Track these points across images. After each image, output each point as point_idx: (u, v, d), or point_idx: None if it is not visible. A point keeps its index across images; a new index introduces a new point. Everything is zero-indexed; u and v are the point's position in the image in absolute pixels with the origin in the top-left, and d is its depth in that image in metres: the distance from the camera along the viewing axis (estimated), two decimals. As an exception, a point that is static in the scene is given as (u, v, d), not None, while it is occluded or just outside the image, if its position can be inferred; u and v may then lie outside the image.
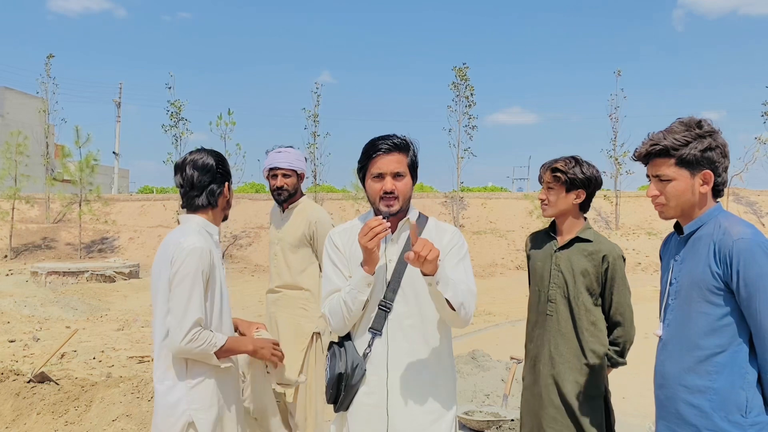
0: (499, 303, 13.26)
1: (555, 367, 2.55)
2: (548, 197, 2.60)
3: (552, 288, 2.59)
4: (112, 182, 40.04)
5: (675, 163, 1.85)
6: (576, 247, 2.58)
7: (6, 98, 36.72)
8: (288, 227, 3.47)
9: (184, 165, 2.33)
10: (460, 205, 24.78)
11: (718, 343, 1.79)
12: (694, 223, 1.90)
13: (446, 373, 2.19)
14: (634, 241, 22.75)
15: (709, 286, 1.80)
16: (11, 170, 23.39)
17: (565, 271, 2.57)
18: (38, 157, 26.43)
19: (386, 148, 2.08)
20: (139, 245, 24.03)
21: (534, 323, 2.67)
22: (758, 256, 1.73)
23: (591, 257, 2.55)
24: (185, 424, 2.18)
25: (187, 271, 2.16)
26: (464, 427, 4.68)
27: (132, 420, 4.11)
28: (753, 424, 1.75)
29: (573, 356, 2.54)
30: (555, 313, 2.57)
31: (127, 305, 12.26)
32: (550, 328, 2.58)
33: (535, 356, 2.65)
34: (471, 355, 6.28)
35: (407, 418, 2.07)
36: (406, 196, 2.11)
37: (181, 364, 2.21)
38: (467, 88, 24.79)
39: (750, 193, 24.55)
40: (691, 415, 1.82)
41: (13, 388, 4.68)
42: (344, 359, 2.09)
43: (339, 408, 2.14)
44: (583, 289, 2.54)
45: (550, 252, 2.63)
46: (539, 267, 2.66)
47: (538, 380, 2.60)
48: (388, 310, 2.09)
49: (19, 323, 9.23)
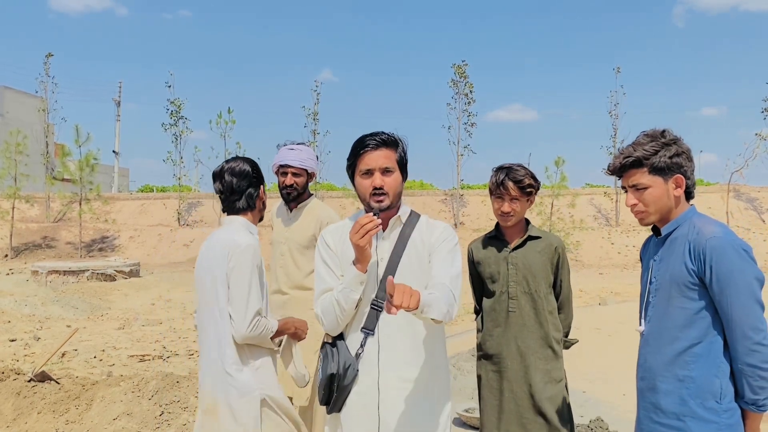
0: (499, 300, 13.26)
1: (524, 360, 2.68)
2: (513, 209, 2.70)
3: (512, 286, 2.72)
4: (112, 181, 40.06)
5: (648, 172, 2.01)
6: (529, 245, 2.75)
7: (6, 97, 36.72)
8: (297, 227, 3.39)
9: (222, 173, 2.54)
10: (460, 202, 24.78)
11: (695, 335, 1.94)
12: (671, 225, 2.04)
13: (439, 371, 2.17)
14: (634, 238, 22.73)
15: (685, 282, 1.95)
16: (11, 169, 23.40)
17: (523, 267, 2.72)
18: (38, 156, 26.45)
19: (374, 144, 2.07)
20: (139, 244, 24.04)
21: (494, 322, 2.76)
22: (729, 253, 1.88)
23: (544, 251, 2.75)
24: (260, 402, 2.43)
25: (245, 267, 2.42)
26: (464, 424, 4.68)
27: (133, 419, 4.11)
28: (726, 410, 1.91)
29: (540, 347, 2.70)
30: (518, 308, 2.71)
31: (128, 304, 12.26)
32: (514, 324, 2.71)
33: (497, 353, 2.74)
34: (471, 352, 6.28)
35: (401, 417, 2.06)
36: (396, 191, 2.11)
37: (244, 350, 2.46)
38: (467, 85, 24.81)
39: (750, 189, 24.55)
40: (670, 403, 1.96)
41: (14, 387, 4.69)
42: (336, 360, 2.08)
43: (332, 409, 2.12)
44: (542, 281, 2.72)
45: (504, 255, 2.76)
46: (493, 270, 2.77)
47: (506, 375, 2.71)
48: (381, 309, 2.07)
49: (20, 322, 9.24)
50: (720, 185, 24.73)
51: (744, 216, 22.89)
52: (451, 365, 6.06)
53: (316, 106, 26.12)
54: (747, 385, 1.88)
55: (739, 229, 21.26)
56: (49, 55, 26.74)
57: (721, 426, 1.90)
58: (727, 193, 22.00)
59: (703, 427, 1.90)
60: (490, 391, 2.76)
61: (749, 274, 1.88)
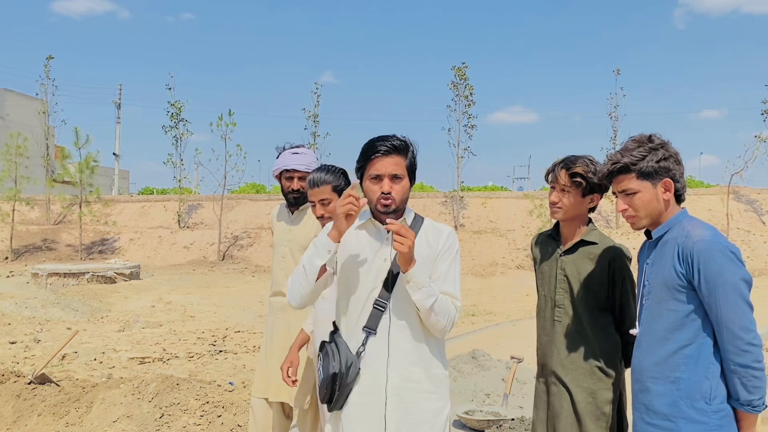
0: (499, 302, 13.27)
1: (567, 374, 2.45)
2: (562, 200, 2.45)
3: (559, 293, 2.49)
4: (112, 183, 40.05)
5: (636, 177, 2.04)
6: (582, 251, 2.48)
7: (6, 100, 36.73)
8: (300, 229, 3.38)
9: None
10: (461, 204, 24.78)
11: (686, 337, 1.97)
12: (661, 228, 2.07)
13: (440, 371, 2.19)
14: (634, 240, 22.72)
15: (675, 285, 1.98)
16: (11, 172, 23.39)
17: (572, 276, 2.47)
18: (38, 158, 26.44)
19: (385, 149, 2.08)
20: (139, 246, 24.02)
21: (542, 329, 2.59)
22: (716, 255, 1.91)
23: (597, 260, 2.45)
24: None
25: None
26: (465, 426, 4.68)
27: (133, 421, 4.11)
28: (716, 411, 1.93)
29: (584, 362, 2.43)
30: (563, 318, 2.48)
31: (128, 306, 12.25)
32: (558, 335, 2.49)
33: (544, 364, 2.56)
34: (471, 355, 6.27)
35: (401, 416, 2.08)
36: (403, 198, 2.13)
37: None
38: (467, 87, 24.79)
39: (750, 191, 24.53)
40: (661, 404, 1.99)
41: (14, 390, 4.69)
42: (338, 359, 2.09)
43: (333, 407, 2.14)
44: (591, 293, 2.44)
45: (556, 257, 2.54)
46: (546, 272, 2.58)
47: (550, 388, 2.52)
48: (383, 309, 2.10)
49: (20, 325, 9.23)
50: (720, 187, 24.71)
51: (744, 218, 22.87)
52: (451, 368, 6.05)
53: (317, 108, 26.11)
54: (741, 385, 1.89)
55: (739, 231, 21.25)
56: (49, 57, 26.73)
57: (711, 427, 1.93)
58: (727, 195, 21.97)
59: (693, 428, 1.94)
60: (539, 403, 2.58)
61: (737, 275, 1.90)
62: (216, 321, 10.51)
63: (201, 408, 4.31)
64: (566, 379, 2.45)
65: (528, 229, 22.73)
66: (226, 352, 7.84)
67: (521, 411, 4.93)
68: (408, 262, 2.00)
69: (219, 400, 4.44)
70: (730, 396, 1.94)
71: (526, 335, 8.74)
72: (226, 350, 7.93)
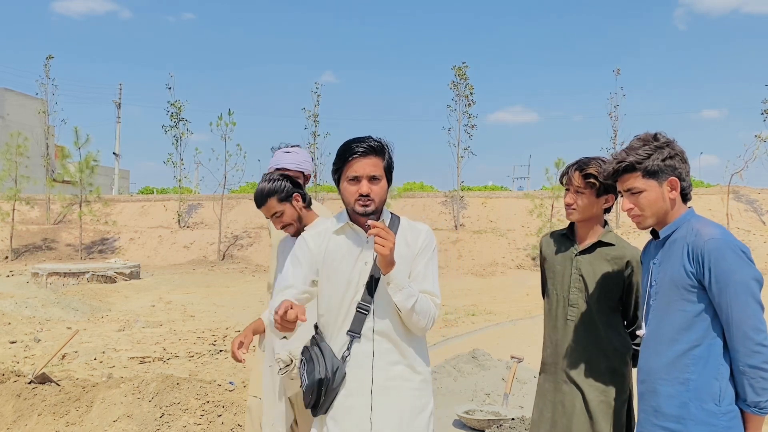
0: (499, 302, 13.27)
1: (580, 374, 2.45)
2: (577, 202, 2.46)
3: (573, 293, 2.49)
4: (112, 183, 40.05)
5: (642, 176, 2.02)
6: (599, 252, 2.47)
7: (6, 99, 36.72)
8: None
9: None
10: (461, 204, 24.77)
11: (695, 337, 1.94)
12: (669, 228, 2.05)
13: (423, 368, 2.20)
14: (634, 241, 22.70)
15: (684, 285, 1.95)
16: (11, 171, 23.40)
17: (587, 276, 2.46)
18: (38, 158, 26.46)
19: (362, 151, 2.06)
20: (139, 246, 24.03)
21: (553, 328, 2.57)
22: (727, 254, 1.88)
23: (614, 262, 2.45)
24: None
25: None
26: (465, 426, 4.68)
27: (133, 421, 4.11)
28: (725, 413, 1.90)
29: (597, 361, 2.44)
30: (576, 318, 2.47)
31: (128, 306, 12.26)
32: (571, 334, 2.48)
33: (554, 363, 2.54)
34: (471, 354, 6.27)
35: (387, 417, 2.08)
36: (381, 199, 2.12)
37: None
38: (467, 87, 24.80)
39: (750, 191, 24.54)
40: (670, 405, 1.97)
41: (14, 389, 4.69)
42: (323, 363, 2.08)
43: (318, 411, 2.14)
44: (606, 294, 2.44)
45: (571, 256, 2.52)
46: (559, 271, 2.55)
47: (561, 387, 2.51)
48: (366, 312, 2.09)
49: (20, 324, 9.24)
50: (720, 187, 24.71)
51: (744, 218, 22.88)
52: (451, 367, 6.06)
53: (317, 107, 26.12)
54: (749, 386, 1.87)
55: (739, 230, 21.25)
56: (49, 57, 26.74)
57: (720, 429, 1.90)
58: (727, 194, 21.98)
59: (702, 430, 1.92)
60: (544, 402, 2.56)
61: (748, 274, 1.87)
62: (216, 320, 10.52)
63: (201, 407, 4.31)
64: (578, 379, 2.45)
65: (528, 229, 22.73)
66: (226, 351, 7.85)
67: (521, 411, 4.93)
68: (389, 264, 1.99)
69: (219, 400, 4.44)
70: (737, 397, 1.91)
71: (526, 335, 8.74)
72: (226, 350, 7.94)
